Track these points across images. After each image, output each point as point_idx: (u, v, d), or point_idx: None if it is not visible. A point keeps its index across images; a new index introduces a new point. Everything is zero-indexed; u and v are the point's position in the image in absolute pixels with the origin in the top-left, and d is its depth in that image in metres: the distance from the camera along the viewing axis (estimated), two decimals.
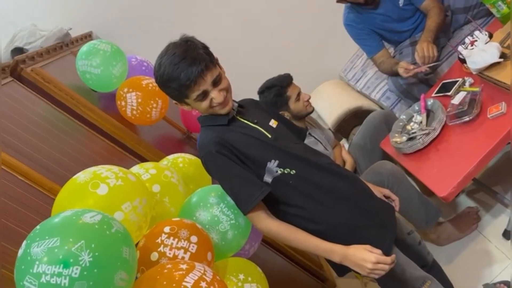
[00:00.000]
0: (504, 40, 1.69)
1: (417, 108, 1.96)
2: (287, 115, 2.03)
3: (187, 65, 1.18)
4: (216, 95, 1.24)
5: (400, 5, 2.25)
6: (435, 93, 1.98)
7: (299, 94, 2.04)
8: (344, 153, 2.23)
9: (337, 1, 2.28)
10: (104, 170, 1.12)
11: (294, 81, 2.12)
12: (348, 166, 2.14)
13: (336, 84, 3.30)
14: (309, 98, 2.08)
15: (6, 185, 1.20)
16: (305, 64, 3.39)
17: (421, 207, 1.90)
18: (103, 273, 0.85)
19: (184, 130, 2.62)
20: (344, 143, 2.86)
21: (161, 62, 1.23)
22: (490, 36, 1.76)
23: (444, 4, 2.22)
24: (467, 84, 1.84)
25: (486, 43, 1.70)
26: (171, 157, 1.64)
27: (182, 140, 2.56)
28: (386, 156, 2.04)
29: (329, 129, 2.73)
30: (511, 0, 1.79)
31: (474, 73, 1.74)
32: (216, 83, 1.24)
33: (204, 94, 1.23)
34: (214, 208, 1.30)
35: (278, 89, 2.01)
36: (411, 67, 2.04)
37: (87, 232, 0.87)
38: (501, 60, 1.60)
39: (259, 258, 1.57)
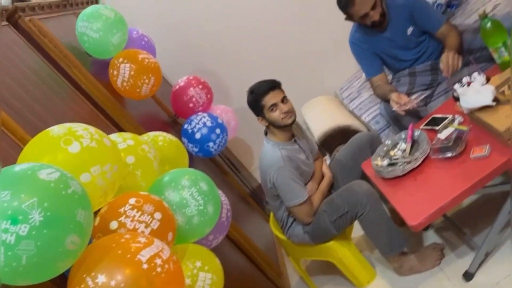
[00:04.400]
0: (500, 86, 1.71)
1: (403, 136, 1.98)
2: (264, 122, 2.04)
3: None
4: None
5: (408, 33, 2.27)
6: (424, 125, 1.99)
7: (275, 104, 1.97)
8: (325, 167, 2.23)
9: (345, 19, 2.28)
10: (80, 128, 1.09)
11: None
12: (326, 180, 2.14)
13: (330, 100, 3.32)
14: (289, 110, 1.99)
15: None
16: (306, 75, 3.41)
17: (389, 234, 1.92)
18: (53, 235, 0.82)
19: (171, 113, 2.59)
20: (327, 158, 2.86)
21: None
22: (488, 79, 1.78)
23: None
24: (456, 122, 1.86)
25: (482, 85, 1.72)
26: (152, 133, 1.61)
27: (167, 123, 2.53)
28: (364, 178, 2.05)
29: (316, 142, 2.73)
30: None
31: (465, 112, 1.76)
32: None
33: None
34: (185, 190, 1.28)
35: (254, 96, 2.00)
36: (402, 101, 2.05)
37: (42, 189, 0.84)
38: (494, 104, 1.62)
39: (220, 252, 1.55)
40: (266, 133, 2.12)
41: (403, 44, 2.30)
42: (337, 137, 2.73)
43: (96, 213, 1.12)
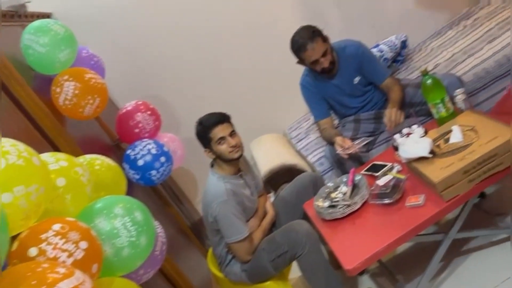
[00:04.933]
0: (437, 140, 1.81)
1: (345, 179, 2.02)
2: (211, 154, 2.02)
3: None
4: None
5: (354, 82, 2.37)
6: (364, 171, 2.06)
7: (223, 138, 1.97)
8: (268, 204, 2.22)
9: (297, 63, 2.36)
10: (8, 144, 1.01)
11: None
12: (268, 218, 2.13)
13: (279, 138, 3.36)
14: (236, 145, 1.99)
15: None
16: (256, 112, 3.45)
17: (325, 276, 1.90)
18: None
19: (115, 137, 2.50)
20: (272, 195, 2.86)
21: None
22: (426, 132, 1.89)
23: None
24: (394, 170, 1.93)
25: (420, 137, 1.82)
26: (89, 156, 1.53)
27: (108, 146, 2.43)
28: (306, 218, 2.06)
29: (262, 178, 2.73)
30: (450, 107, 1.95)
31: (403, 161, 1.83)
32: None
33: None
34: (117, 219, 1.20)
35: (202, 128, 2.00)
36: (346, 145, 2.13)
37: None
38: (430, 156, 1.70)
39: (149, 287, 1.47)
40: (212, 165, 2.09)
41: (349, 92, 2.40)
42: (282, 175, 2.74)
43: (15, 237, 1.03)
